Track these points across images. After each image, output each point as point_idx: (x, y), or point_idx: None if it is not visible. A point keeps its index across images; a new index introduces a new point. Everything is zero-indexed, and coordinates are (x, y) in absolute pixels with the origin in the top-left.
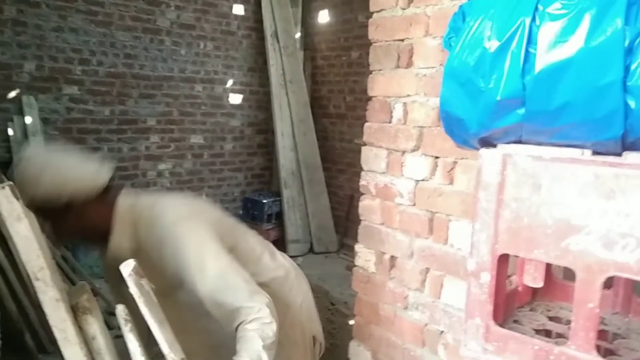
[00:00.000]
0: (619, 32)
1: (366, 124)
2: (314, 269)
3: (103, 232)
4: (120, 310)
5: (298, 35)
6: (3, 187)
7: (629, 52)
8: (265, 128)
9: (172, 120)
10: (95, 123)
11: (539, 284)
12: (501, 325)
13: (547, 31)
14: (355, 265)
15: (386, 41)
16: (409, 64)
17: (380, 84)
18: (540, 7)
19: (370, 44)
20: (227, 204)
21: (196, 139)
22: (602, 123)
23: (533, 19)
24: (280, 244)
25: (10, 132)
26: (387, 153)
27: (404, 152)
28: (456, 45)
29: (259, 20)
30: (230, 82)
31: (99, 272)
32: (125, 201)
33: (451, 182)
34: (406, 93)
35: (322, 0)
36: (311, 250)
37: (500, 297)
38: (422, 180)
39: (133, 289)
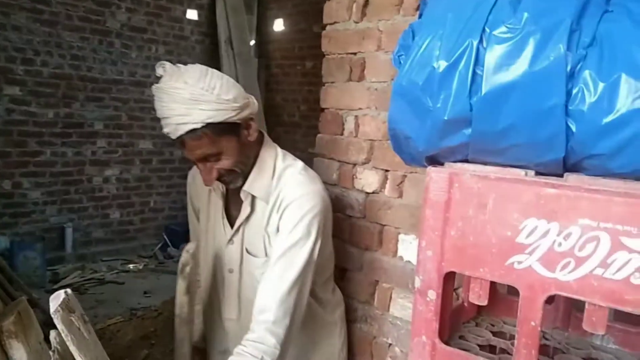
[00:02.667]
0: (561, 58)
1: (318, 136)
2: None
3: (248, 166)
4: (52, 338)
5: (252, 42)
6: None
7: (571, 77)
8: None
9: (121, 124)
10: (38, 126)
11: (483, 302)
12: (447, 342)
13: (494, 54)
14: None
15: (339, 54)
16: (361, 78)
17: (332, 97)
18: (487, 30)
19: (324, 55)
20: (176, 212)
21: (145, 145)
22: (545, 145)
23: (480, 41)
24: None
25: None
26: (339, 165)
27: (355, 165)
28: (405, 63)
29: (212, 26)
30: None
31: (38, 281)
32: (270, 144)
33: (400, 196)
34: (358, 106)
35: (277, 9)
36: None
37: (446, 314)
38: (373, 192)
39: (60, 327)
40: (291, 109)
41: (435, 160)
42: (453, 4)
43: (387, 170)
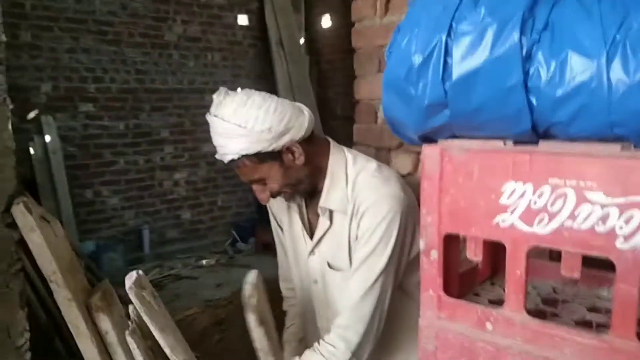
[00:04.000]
0: (516, 43)
1: (355, 125)
2: None
3: (316, 180)
4: (131, 311)
5: (302, 41)
6: (18, 203)
7: (528, 58)
8: None
9: (185, 130)
10: (111, 137)
11: (479, 258)
12: (460, 297)
13: (460, 45)
14: None
15: (368, 48)
16: None
17: (364, 88)
18: (454, 25)
19: None
20: (242, 209)
21: (209, 148)
22: (513, 119)
23: (448, 35)
24: None
25: (31, 151)
26: (375, 151)
27: (389, 150)
28: (389, 59)
29: (263, 29)
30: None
31: (121, 280)
32: (337, 151)
33: None
34: None
35: (323, 5)
36: None
37: (452, 273)
38: (408, 174)
39: (134, 300)
40: (344, 103)
41: (428, 139)
42: (427, 5)
43: (419, 153)
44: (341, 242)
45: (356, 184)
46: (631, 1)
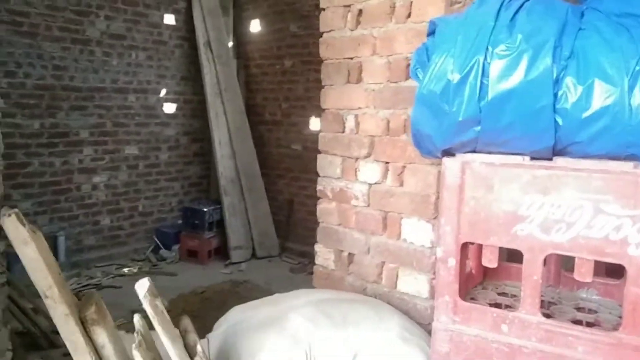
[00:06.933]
0: (549, 68)
1: (320, 134)
2: (259, 274)
3: None
4: (136, 321)
5: (231, 44)
6: (9, 215)
7: (557, 82)
8: (200, 137)
9: (106, 131)
10: (24, 137)
11: (494, 264)
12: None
13: (496, 67)
14: (315, 264)
15: (336, 59)
16: (359, 80)
17: (332, 98)
18: (490, 48)
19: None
20: (164, 214)
21: (131, 150)
22: (539, 136)
23: (485, 57)
24: (222, 251)
25: None
26: (342, 160)
27: (357, 159)
28: (424, 76)
29: (190, 30)
30: (163, 92)
31: (35, 290)
32: None
33: (401, 184)
34: (357, 106)
35: (253, 9)
36: (254, 255)
37: (463, 278)
38: (375, 183)
39: (148, 310)
40: (272, 108)
41: (448, 153)
42: (460, 27)
43: (387, 162)
44: None
45: None
46: None
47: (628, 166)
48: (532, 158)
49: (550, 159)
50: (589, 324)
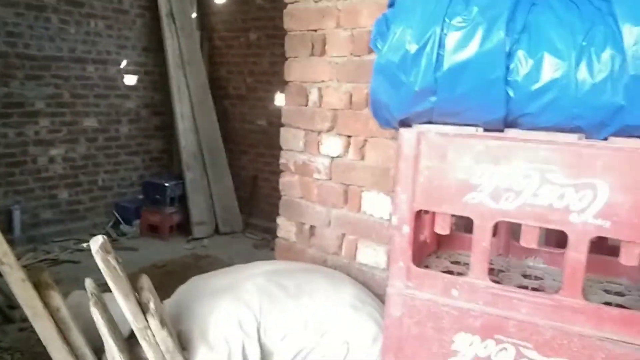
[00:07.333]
0: (502, 41)
1: (284, 107)
2: (222, 250)
3: None
4: (89, 283)
5: (194, 15)
6: None
7: (509, 55)
8: (162, 110)
9: (63, 102)
10: None
11: (446, 231)
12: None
13: (452, 38)
14: (277, 237)
15: (300, 31)
16: (323, 53)
17: (296, 70)
18: (447, 20)
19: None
20: (125, 189)
21: (90, 122)
22: (491, 107)
23: (442, 29)
24: (185, 227)
25: None
26: (305, 133)
27: (320, 133)
28: (383, 46)
29: None
30: (124, 63)
31: None
32: None
33: (362, 158)
34: (321, 79)
35: None
36: (217, 231)
37: (417, 246)
38: (337, 157)
39: (101, 265)
40: (237, 82)
41: (405, 124)
42: None
43: (349, 136)
44: None
45: None
46: (594, 14)
47: (573, 137)
48: (485, 130)
49: (502, 130)
50: (534, 289)
